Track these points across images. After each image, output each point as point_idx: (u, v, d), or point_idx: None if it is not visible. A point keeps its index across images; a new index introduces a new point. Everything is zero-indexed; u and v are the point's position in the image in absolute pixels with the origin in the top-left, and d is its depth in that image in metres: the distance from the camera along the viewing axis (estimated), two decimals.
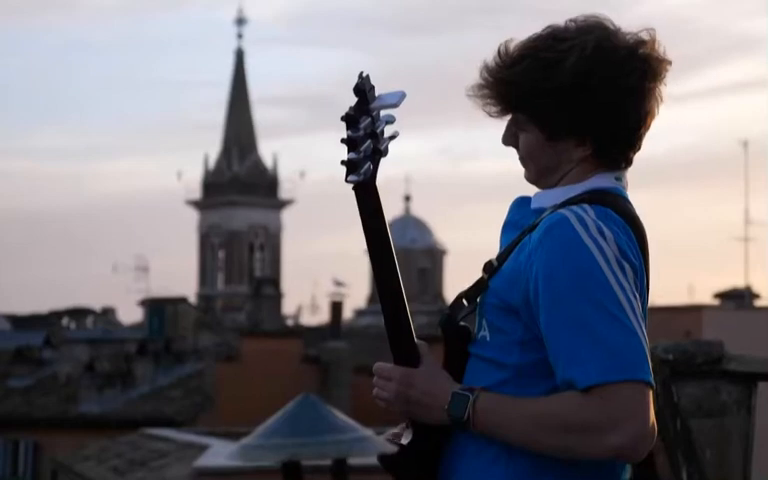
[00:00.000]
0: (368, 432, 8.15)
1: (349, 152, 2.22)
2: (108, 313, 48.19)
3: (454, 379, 2.28)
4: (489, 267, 2.33)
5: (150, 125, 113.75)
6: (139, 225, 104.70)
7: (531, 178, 2.36)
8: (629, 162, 2.35)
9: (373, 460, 10.11)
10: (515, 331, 2.24)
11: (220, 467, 14.60)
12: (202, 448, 17.14)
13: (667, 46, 2.33)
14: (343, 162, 2.23)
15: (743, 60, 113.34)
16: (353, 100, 2.23)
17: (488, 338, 2.28)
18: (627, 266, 2.19)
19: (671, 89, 2.35)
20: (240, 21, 74.67)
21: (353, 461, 8.52)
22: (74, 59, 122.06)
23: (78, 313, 47.24)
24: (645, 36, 2.31)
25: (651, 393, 2.14)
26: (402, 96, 2.24)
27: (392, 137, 2.26)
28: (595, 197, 2.26)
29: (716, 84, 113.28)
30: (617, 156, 2.32)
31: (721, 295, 33.61)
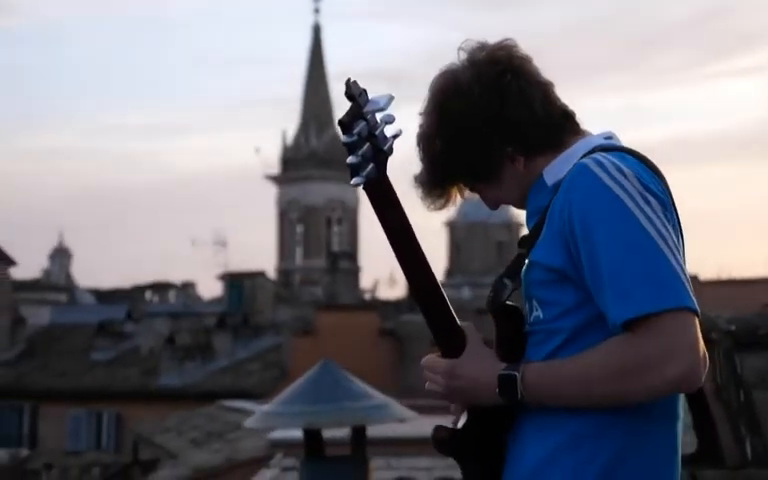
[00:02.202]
0: (387, 399, 8.14)
1: (349, 156, 2.27)
2: (188, 287, 48.79)
3: (512, 360, 2.29)
4: (525, 242, 2.35)
5: (228, 101, 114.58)
6: (218, 200, 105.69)
7: (518, 207, 2.43)
8: (573, 128, 2.37)
9: (392, 428, 10.09)
10: (566, 297, 2.24)
11: (294, 439, 14.74)
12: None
13: (742, 19, 2.30)
14: (348, 165, 2.28)
15: None
16: (430, 75, 2.32)
17: (541, 316, 2.28)
18: (652, 199, 2.19)
19: (745, 62, 2.31)
20: None
21: (373, 431, 8.52)
22: (152, 37, 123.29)
23: (159, 287, 47.90)
24: (467, 47, 2.37)
25: (696, 319, 2.13)
26: (390, 99, 2.29)
27: (396, 136, 2.30)
28: (607, 146, 2.30)
29: None
30: (545, 140, 2.35)
31: None
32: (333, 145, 71.99)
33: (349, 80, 2.27)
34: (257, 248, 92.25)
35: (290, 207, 71.74)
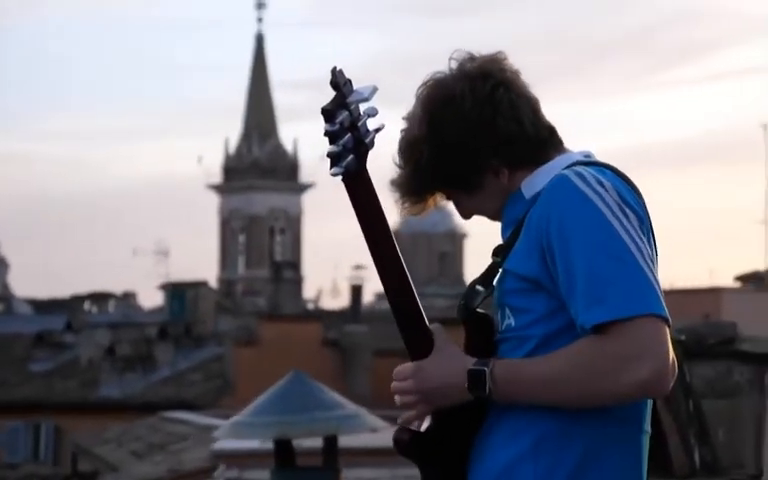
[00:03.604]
0: (359, 409, 8.11)
1: (330, 145, 2.26)
2: (129, 297, 48.38)
3: None
4: (500, 250, 2.36)
5: (170, 109, 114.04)
6: (160, 209, 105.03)
7: (492, 220, 2.44)
8: (555, 144, 2.39)
9: (364, 439, 10.08)
10: (539, 306, 2.26)
11: (238, 450, 14.63)
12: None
13: (688, 29, 2.32)
14: (327, 155, 2.26)
15: (763, 42, 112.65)
16: (374, 82, 2.28)
17: (513, 324, 2.30)
18: (629, 212, 2.23)
19: (692, 72, 2.35)
20: (260, 5, 74.70)
21: (345, 442, 8.48)
22: (94, 42, 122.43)
23: (99, 297, 47.42)
24: (458, 57, 2.38)
25: (667, 328, 2.16)
26: (373, 90, 2.28)
27: (378, 129, 2.29)
28: (587, 162, 2.33)
29: (736, 66, 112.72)
30: (531, 155, 2.37)
31: (741, 278, 33.43)
32: (276, 154, 71.88)
33: (335, 69, 2.25)
34: (199, 258, 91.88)
35: (232, 216, 71.47)
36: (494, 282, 2.35)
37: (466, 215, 2.45)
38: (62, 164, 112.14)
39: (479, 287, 2.35)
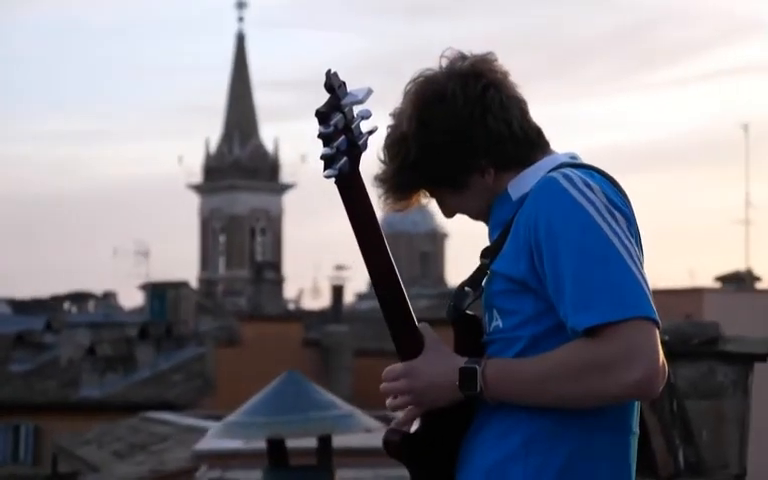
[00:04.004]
0: (353, 409, 8.11)
1: (323, 147, 2.26)
2: (109, 297, 48.24)
3: None
4: (488, 252, 2.36)
5: (151, 109, 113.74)
6: (140, 209, 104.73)
7: (475, 219, 2.44)
8: (542, 146, 2.39)
9: (358, 439, 10.08)
10: (527, 307, 2.27)
11: (220, 450, 14.60)
12: (202, 432, 17.12)
13: (668, 30, 2.33)
14: (321, 157, 2.26)
15: (744, 43, 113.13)
16: (354, 84, 2.28)
17: (501, 325, 2.30)
18: (617, 213, 2.24)
19: (672, 73, 2.35)
20: (241, 4, 74.55)
21: (339, 442, 8.48)
22: (74, 42, 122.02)
23: (79, 297, 47.27)
24: (449, 55, 2.39)
25: (657, 330, 2.18)
26: (368, 92, 2.28)
27: (371, 132, 2.29)
28: (573, 164, 2.33)
29: (717, 67, 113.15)
30: (518, 156, 2.37)
31: (722, 278, 33.57)
32: (257, 154, 71.76)
33: (329, 71, 2.25)
34: (180, 258, 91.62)
35: (213, 216, 71.32)
36: (482, 284, 2.34)
37: (449, 214, 2.45)
38: (42, 165, 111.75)
39: (467, 289, 2.36)
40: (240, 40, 74.09)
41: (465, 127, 2.33)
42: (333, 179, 2.26)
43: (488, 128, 2.34)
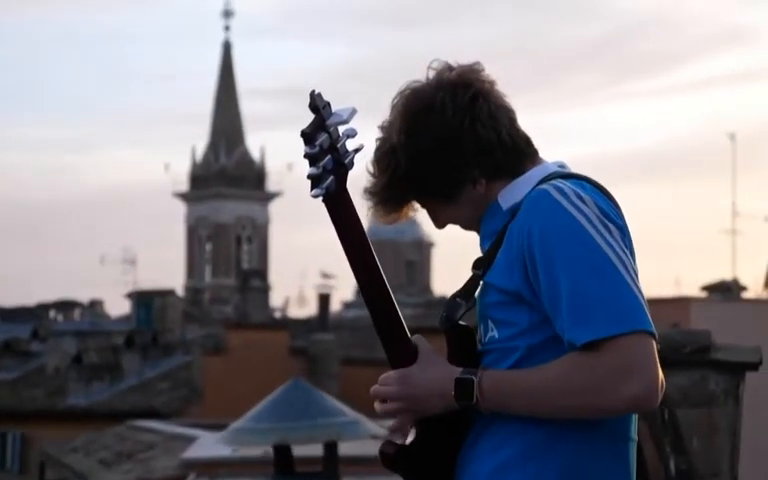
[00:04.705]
0: (359, 416, 8.10)
1: (310, 167, 2.27)
2: (95, 305, 48.09)
3: None
4: (480, 263, 2.36)
5: (137, 117, 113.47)
6: (126, 217, 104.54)
7: (467, 229, 2.44)
8: (531, 155, 2.40)
9: (364, 447, 10.11)
10: (522, 319, 2.27)
11: (207, 458, 14.59)
12: (189, 440, 17.11)
13: (653, 39, 2.35)
14: (308, 176, 2.28)
15: (730, 52, 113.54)
16: (341, 93, 2.30)
17: (496, 336, 2.31)
18: (611, 225, 2.24)
19: (659, 82, 2.37)
20: (227, 13, 74.57)
21: (345, 450, 8.49)
22: (60, 51, 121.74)
23: (65, 305, 47.13)
24: (436, 66, 2.39)
25: (654, 342, 2.19)
26: (352, 112, 2.29)
27: (357, 150, 2.31)
28: (564, 174, 2.34)
29: (703, 76, 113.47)
30: (508, 164, 2.37)
31: (708, 287, 33.64)
32: (243, 163, 71.69)
33: (313, 92, 2.26)
34: (166, 266, 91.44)
35: (199, 224, 71.20)
36: (475, 295, 2.35)
37: (440, 225, 2.45)
38: (28, 172, 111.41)
39: (459, 299, 2.36)
40: (227, 49, 74.06)
41: (455, 136, 2.34)
42: (320, 198, 2.28)
43: (478, 137, 2.34)
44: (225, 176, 70.59)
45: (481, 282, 2.34)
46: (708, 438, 5.37)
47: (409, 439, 2.36)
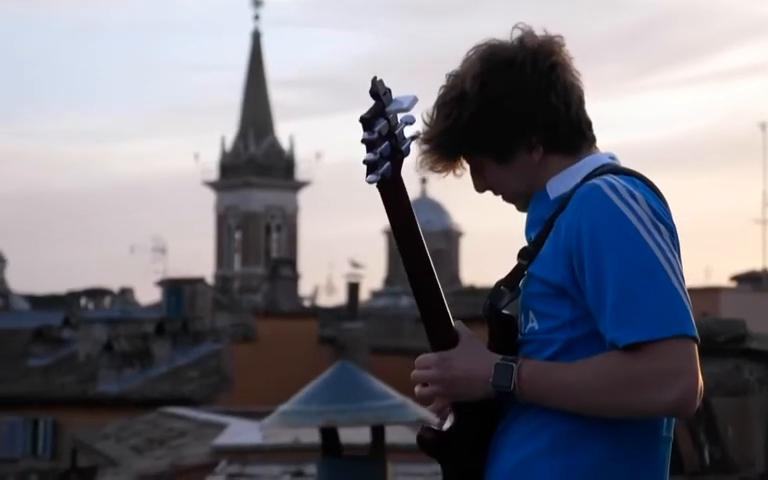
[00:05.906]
0: (406, 399, 8.08)
1: (367, 153, 2.27)
2: (126, 293, 48.31)
3: None
4: (526, 253, 2.35)
5: (167, 107, 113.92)
6: (157, 206, 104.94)
7: (508, 200, 2.42)
8: (589, 140, 2.39)
9: (410, 435, 10.03)
10: (563, 312, 2.26)
11: (239, 445, 14.67)
12: (220, 427, 17.20)
13: (684, 29, 2.34)
14: (364, 162, 2.29)
15: (761, 42, 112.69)
16: (368, 82, 2.29)
17: (536, 327, 2.30)
18: (662, 226, 2.22)
19: (689, 72, 2.36)
20: (257, 3, 74.59)
21: (391, 437, 8.46)
22: (91, 42, 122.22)
23: (96, 293, 47.38)
24: (522, 27, 2.38)
25: (697, 347, 2.17)
26: (414, 100, 2.29)
27: (413, 137, 2.31)
28: (616, 168, 2.32)
29: (734, 66, 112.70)
30: (568, 141, 2.37)
31: (738, 277, 33.45)
32: (272, 152, 71.79)
33: (375, 78, 2.27)
34: (196, 255, 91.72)
35: (229, 213, 71.37)
36: (519, 284, 2.34)
37: (483, 187, 2.41)
38: (59, 163, 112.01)
39: (504, 288, 2.35)
40: (256, 38, 74.14)
41: (530, 97, 2.32)
42: (375, 184, 2.29)
43: (549, 105, 2.32)
44: (254, 165, 70.72)
45: (525, 273, 2.33)
46: (742, 427, 5.37)
47: (446, 425, 2.37)
